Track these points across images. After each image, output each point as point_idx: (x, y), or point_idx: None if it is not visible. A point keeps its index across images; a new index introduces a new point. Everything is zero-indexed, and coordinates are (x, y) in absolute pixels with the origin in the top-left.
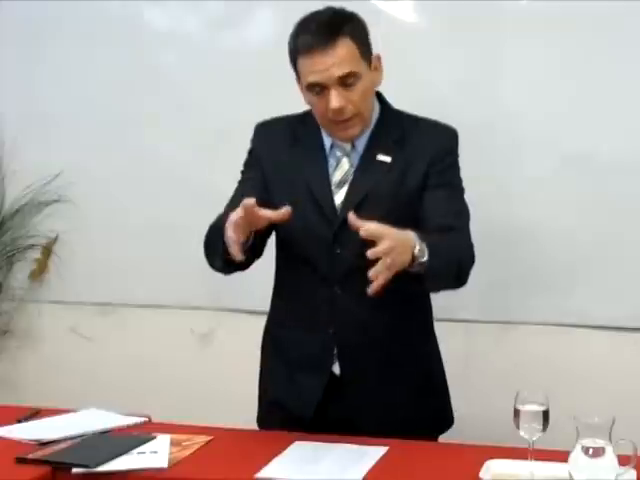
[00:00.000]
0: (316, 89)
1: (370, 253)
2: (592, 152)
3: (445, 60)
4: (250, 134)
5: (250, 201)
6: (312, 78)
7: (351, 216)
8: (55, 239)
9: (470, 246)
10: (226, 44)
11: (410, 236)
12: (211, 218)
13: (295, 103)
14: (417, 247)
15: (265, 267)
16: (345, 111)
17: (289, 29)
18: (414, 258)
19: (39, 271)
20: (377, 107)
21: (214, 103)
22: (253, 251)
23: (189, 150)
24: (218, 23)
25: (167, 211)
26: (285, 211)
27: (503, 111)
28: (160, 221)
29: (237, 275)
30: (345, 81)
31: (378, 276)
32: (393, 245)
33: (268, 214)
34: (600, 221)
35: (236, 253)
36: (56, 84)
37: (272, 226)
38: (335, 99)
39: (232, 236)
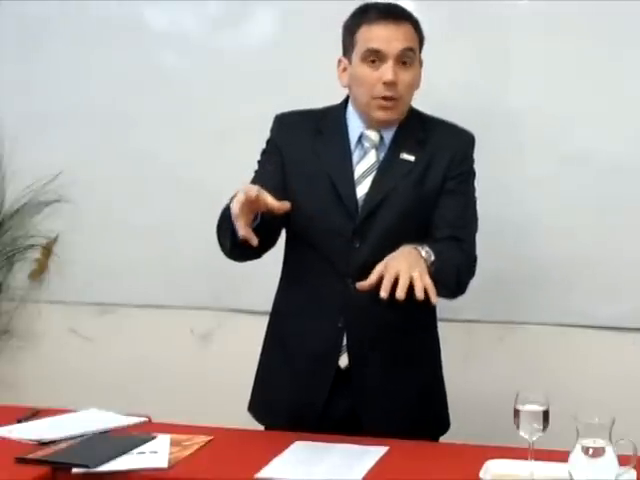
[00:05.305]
0: (372, 58)
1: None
2: (592, 152)
3: (445, 60)
4: (250, 134)
5: (252, 193)
6: (375, 44)
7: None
8: (55, 239)
9: (472, 258)
10: (226, 44)
11: (410, 247)
12: (211, 218)
13: (295, 103)
14: (422, 250)
15: (265, 267)
16: (395, 88)
17: (289, 29)
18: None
19: (39, 271)
20: None
21: (214, 103)
22: (265, 237)
23: (189, 150)
24: (218, 23)
25: (167, 211)
26: (283, 204)
27: (503, 111)
28: (160, 221)
29: (237, 275)
30: (403, 57)
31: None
32: (389, 260)
33: (268, 200)
34: (600, 221)
35: (241, 229)
36: (56, 84)
37: (287, 215)
38: (390, 71)
39: (237, 212)
